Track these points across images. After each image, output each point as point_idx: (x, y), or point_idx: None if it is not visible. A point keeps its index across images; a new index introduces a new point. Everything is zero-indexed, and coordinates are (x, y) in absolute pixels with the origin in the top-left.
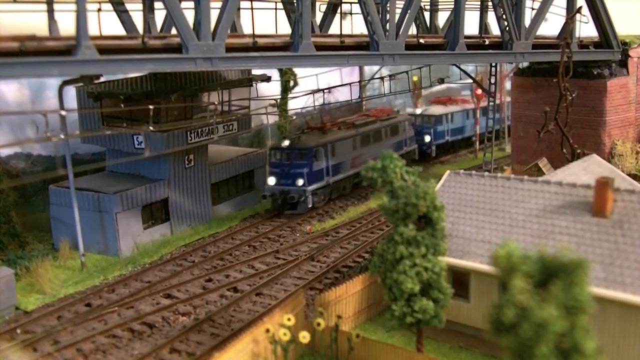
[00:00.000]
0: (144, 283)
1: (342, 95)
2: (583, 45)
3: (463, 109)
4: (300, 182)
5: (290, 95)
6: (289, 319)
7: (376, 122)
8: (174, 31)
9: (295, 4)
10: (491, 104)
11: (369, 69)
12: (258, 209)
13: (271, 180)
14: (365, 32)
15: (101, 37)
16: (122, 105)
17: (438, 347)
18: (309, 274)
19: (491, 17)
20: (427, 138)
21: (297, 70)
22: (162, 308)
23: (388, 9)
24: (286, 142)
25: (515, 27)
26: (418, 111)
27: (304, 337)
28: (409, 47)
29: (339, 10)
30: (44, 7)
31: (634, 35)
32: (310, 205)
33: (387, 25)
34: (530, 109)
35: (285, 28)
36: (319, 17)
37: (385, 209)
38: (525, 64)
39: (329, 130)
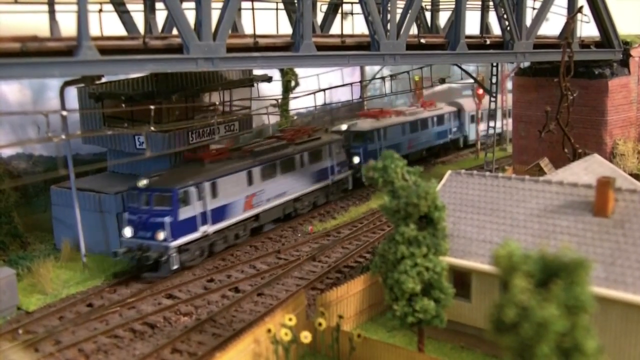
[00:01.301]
0: (145, 283)
1: (343, 95)
2: (584, 44)
3: (402, 122)
4: (162, 235)
5: (291, 96)
6: (290, 319)
7: (288, 146)
8: (175, 31)
9: (296, 4)
10: (492, 104)
11: (370, 69)
12: None
13: (127, 232)
14: (366, 32)
15: (102, 38)
16: (124, 106)
17: (439, 347)
18: (310, 274)
19: (492, 17)
20: (356, 159)
21: (298, 70)
22: (163, 308)
23: (389, 8)
24: (144, 181)
25: (516, 26)
26: (344, 127)
27: (306, 337)
28: (410, 47)
29: (339, 11)
30: (45, 7)
31: (635, 35)
32: (175, 267)
33: (388, 25)
34: (531, 108)
35: (286, 28)
36: (319, 17)
37: (386, 209)
38: (527, 64)
39: (212, 161)
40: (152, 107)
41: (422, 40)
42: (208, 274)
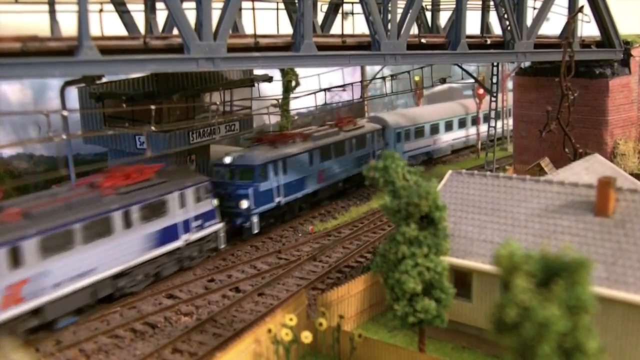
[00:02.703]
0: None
1: (344, 95)
2: (585, 44)
3: (309, 148)
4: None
5: (292, 95)
6: (291, 319)
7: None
8: (175, 31)
9: (297, 4)
10: (493, 103)
11: (371, 69)
12: None
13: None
14: (366, 32)
15: (103, 38)
16: (124, 106)
17: (440, 347)
18: (311, 274)
19: (493, 17)
20: (244, 204)
21: (298, 70)
22: (164, 308)
23: (389, 8)
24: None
25: (517, 26)
26: (227, 160)
27: (306, 337)
28: (410, 46)
29: (340, 10)
30: (46, 7)
31: (636, 35)
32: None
33: (389, 25)
34: (532, 108)
35: (286, 28)
36: (320, 17)
37: (387, 209)
38: (527, 64)
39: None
40: (152, 107)
41: (423, 40)
42: (209, 274)
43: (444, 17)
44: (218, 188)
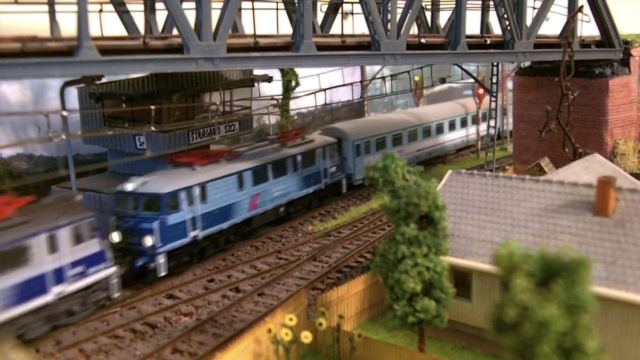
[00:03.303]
0: (146, 283)
1: (344, 95)
2: (585, 44)
3: (238, 170)
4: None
5: (292, 95)
6: (290, 319)
7: None
8: (175, 32)
9: (297, 4)
10: (493, 104)
11: (371, 69)
12: None
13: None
14: (366, 32)
15: (102, 38)
16: (124, 106)
17: (440, 346)
18: (311, 274)
19: (492, 17)
20: (148, 240)
21: (298, 70)
22: (164, 308)
23: (389, 8)
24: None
25: (516, 26)
26: (129, 186)
27: (306, 337)
28: (410, 46)
29: (340, 10)
30: (46, 7)
31: (636, 34)
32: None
33: (389, 25)
34: (532, 108)
35: (286, 28)
36: (320, 17)
37: (386, 209)
38: (527, 64)
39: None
40: (152, 107)
41: (423, 40)
42: (209, 274)
43: (443, 17)
44: (119, 220)
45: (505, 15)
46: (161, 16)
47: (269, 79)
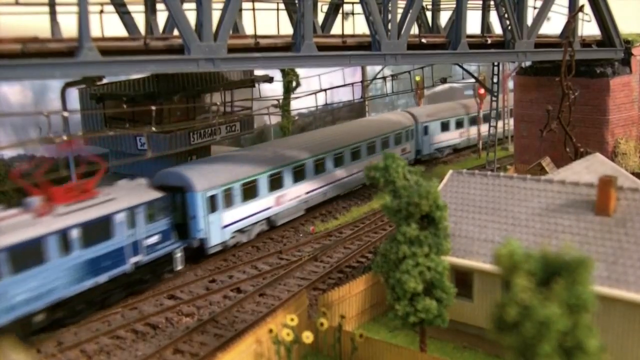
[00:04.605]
0: (147, 283)
1: (345, 95)
2: (585, 44)
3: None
4: None
5: (292, 96)
6: (292, 319)
7: None
8: (176, 32)
9: (297, 5)
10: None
11: (371, 69)
12: None
13: None
14: (367, 32)
15: (103, 39)
16: (125, 107)
17: (441, 346)
18: (312, 274)
19: (493, 17)
20: None
21: (299, 70)
22: (165, 309)
23: (390, 8)
24: None
25: (517, 26)
26: None
27: (307, 337)
28: (411, 46)
29: (340, 11)
30: (46, 9)
31: (637, 34)
32: None
33: (389, 25)
34: (533, 108)
35: (287, 29)
36: (320, 17)
37: (387, 209)
38: (528, 63)
39: None
40: (153, 107)
41: (423, 40)
42: (210, 274)
43: (444, 17)
44: None
45: (506, 15)
46: (162, 17)
47: (269, 80)
